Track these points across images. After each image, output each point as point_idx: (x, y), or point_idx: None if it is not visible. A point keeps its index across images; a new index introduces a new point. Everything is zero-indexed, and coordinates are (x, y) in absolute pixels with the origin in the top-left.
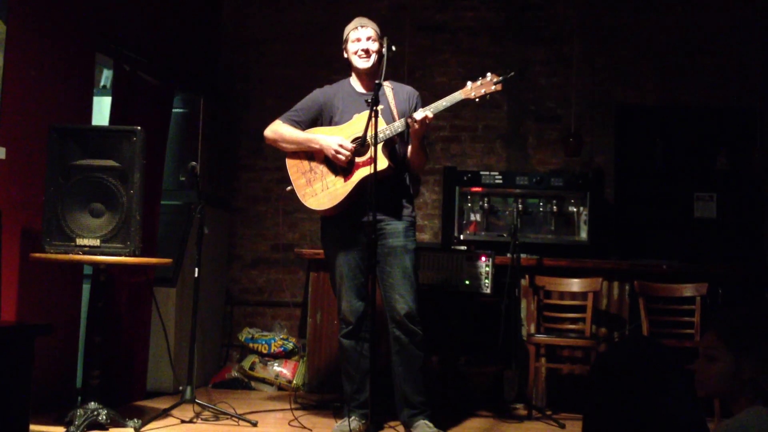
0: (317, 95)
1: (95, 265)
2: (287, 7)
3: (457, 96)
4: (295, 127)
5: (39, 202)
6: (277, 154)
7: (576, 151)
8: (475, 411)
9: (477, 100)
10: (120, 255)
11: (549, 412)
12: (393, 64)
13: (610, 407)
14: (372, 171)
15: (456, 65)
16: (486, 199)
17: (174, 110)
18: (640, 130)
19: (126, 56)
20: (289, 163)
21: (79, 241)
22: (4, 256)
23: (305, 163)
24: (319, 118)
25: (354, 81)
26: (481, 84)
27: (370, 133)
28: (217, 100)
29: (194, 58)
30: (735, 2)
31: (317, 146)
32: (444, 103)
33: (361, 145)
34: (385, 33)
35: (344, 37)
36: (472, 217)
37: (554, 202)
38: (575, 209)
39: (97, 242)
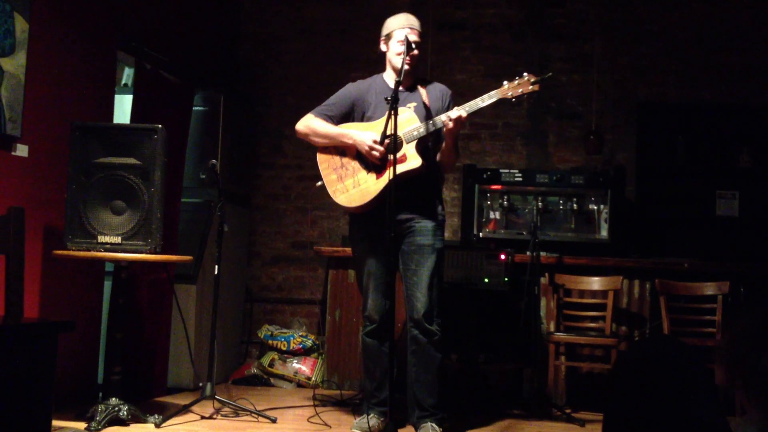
0: (350, 90)
1: (116, 262)
2: (306, 4)
3: (494, 95)
4: (327, 121)
5: (61, 199)
6: (297, 152)
7: (597, 148)
8: (495, 409)
9: (513, 99)
10: (141, 252)
11: (569, 411)
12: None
13: (630, 406)
14: (405, 168)
15: (476, 62)
16: (506, 196)
17: (194, 108)
18: (661, 127)
19: (147, 54)
20: (320, 158)
21: (101, 239)
22: (27, 253)
23: (337, 158)
24: (351, 113)
25: (388, 76)
26: (518, 84)
27: (400, 131)
28: (237, 98)
29: (214, 56)
30: None
31: (350, 142)
32: (480, 103)
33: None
34: (404, 31)
35: (387, 32)
36: (492, 215)
37: (574, 199)
38: (596, 207)
39: (118, 239)
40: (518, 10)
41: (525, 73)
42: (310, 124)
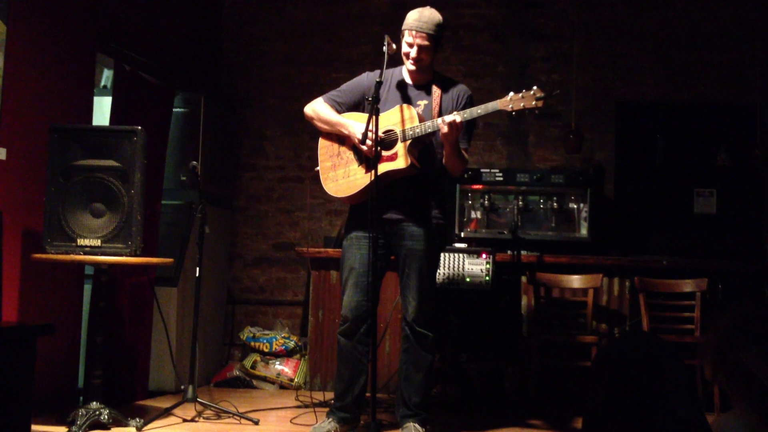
0: (362, 79)
1: (96, 265)
2: (288, 6)
3: (494, 106)
4: (334, 107)
5: (40, 202)
6: (279, 153)
7: (576, 147)
8: (476, 407)
9: (513, 114)
10: (121, 255)
11: (550, 408)
12: (394, 62)
13: (610, 403)
14: (390, 168)
15: (457, 62)
16: (486, 196)
17: (175, 110)
18: (640, 126)
19: (126, 56)
20: (321, 143)
21: (81, 242)
22: (5, 256)
23: (335, 146)
24: (362, 102)
25: (405, 71)
26: (523, 97)
27: (398, 129)
28: (217, 99)
29: (195, 57)
30: None
31: (346, 132)
32: (478, 111)
33: (391, 138)
34: (386, 31)
35: (403, 27)
36: (473, 215)
37: (555, 198)
38: (576, 206)
39: (98, 242)
40: (498, 10)
41: (534, 87)
42: (316, 107)
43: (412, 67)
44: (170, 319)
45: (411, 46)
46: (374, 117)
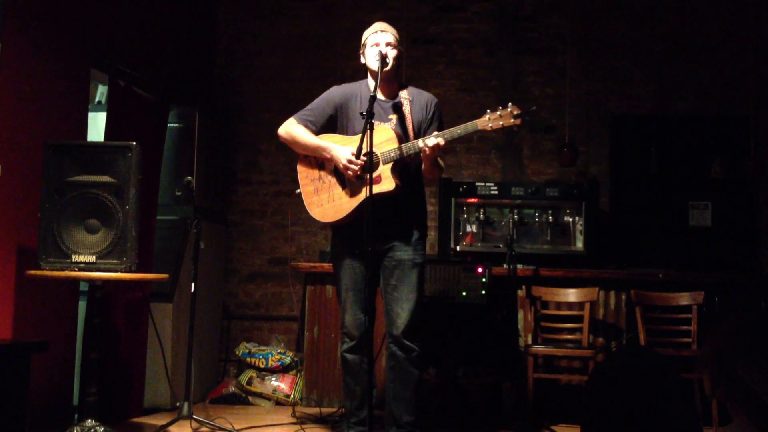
0: (333, 94)
1: (91, 281)
2: (281, 20)
3: (474, 125)
4: (309, 128)
5: (34, 218)
6: (274, 167)
7: (571, 160)
8: (474, 423)
9: (493, 132)
10: (116, 271)
11: (546, 423)
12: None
13: (607, 417)
14: (379, 191)
15: (450, 77)
16: (482, 210)
17: (169, 125)
18: (634, 139)
19: (121, 72)
20: (300, 167)
21: (75, 258)
22: (0, 273)
23: (315, 171)
24: (335, 118)
25: (372, 86)
26: (500, 116)
27: (378, 150)
28: (212, 114)
29: (189, 72)
30: (728, 11)
31: (328, 156)
32: (459, 131)
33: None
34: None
35: (362, 42)
36: (468, 229)
37: (550, 212)
38: (571, 219)
39: (93, 258)
40: (491, 24)
41: (509, 104)
42: (291, 131)
43: (387, 67)
44: (165, 335)
45: (377, 45)
46: (369, 132)
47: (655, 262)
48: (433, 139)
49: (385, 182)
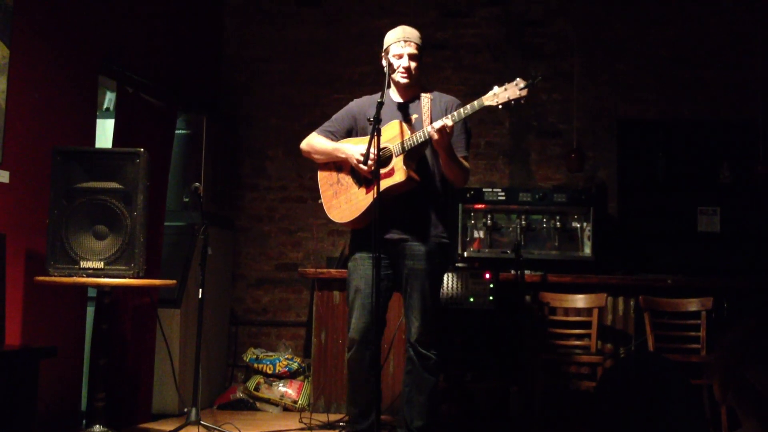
0: (351, 106)
1: (99, 287)
2: (288, 26)
3: (480, 102)
4: (329, 137)
5: (43, 225)
6: (281, 173)
7: (578, 166)
8: (481, 428)
9: (500, 107)
10: (124, 277)
11: (555, 429)
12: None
13: (615, 423)
14: (389, 183)
15: (458, 82)
16: (489, 215)
17: (177, 131)
18: (642, 144)
19: (129, 78)
20: (320, 175)
21: (83, 264)
22: (8, 279)
23: (333, 174)
24: (354, 128)
25: (392, 91)
26: (506, 89)
27: (390, 144)
28: (219, 120)
29: (197, 78)
30: (735, 16)
31: (343, 156)
32: (466, 110)
33: (385, 155)
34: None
35: (385, 46)
36: (476, 234)
37: (557, 217)
38: (579, 224)
39: (101, 265)
40: (498, 29)
41: (517, 78)
42: (311, 141)
43: (404, 80)
44: (173, 340)
45: (400, 57)
46: (376, 137)
47: (664, 267)
48: (440, 122)
49: (397, 174)
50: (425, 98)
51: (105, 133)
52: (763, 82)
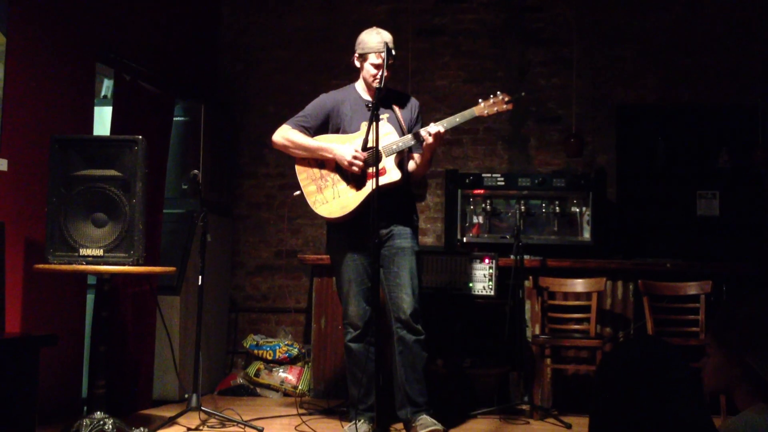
0: (324, 101)
1: (99, 275)
2: (286, 13)
3: (471, 113)
4: (304, 132)
5: (42, 213)
6: (279, 160)
7: (577, 151)
8: (481, 413)
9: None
10: (123, 264)
11: (555, 413)
12: (394, 68)
13: (615, 407)
14: (386, 181)
15: (456, 68)
16: (488, 201)
17: (175, 119)
18: (641, 129)
19: (126, 66)
20: (299, 168)
21: (83, 252)
22: (7, 267)
23: (315, 170)
24: (327, 124)
25: (361, 88)
26: (493, 102)
27: (379, 143)
28: (217, 107)
29: (194, 66)
30: (734, 1)
31: (330, 156)
32: (457, 119)
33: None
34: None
35: (361, 51)
36: (475, 220)
37: (557, 202)
38: (578, 210)
39: (100, 252)
40: (497, 15)
41: (499, 92)
42: (288, 136)
43: (379, 85)
44: (173, 327)
45: (379, 68)
46: (375, 124)
47: (663, 252)
48: (435, 127)
49: (392, 173)
50: (390, 99)
51: (103, 121)
52: (762, 67)
